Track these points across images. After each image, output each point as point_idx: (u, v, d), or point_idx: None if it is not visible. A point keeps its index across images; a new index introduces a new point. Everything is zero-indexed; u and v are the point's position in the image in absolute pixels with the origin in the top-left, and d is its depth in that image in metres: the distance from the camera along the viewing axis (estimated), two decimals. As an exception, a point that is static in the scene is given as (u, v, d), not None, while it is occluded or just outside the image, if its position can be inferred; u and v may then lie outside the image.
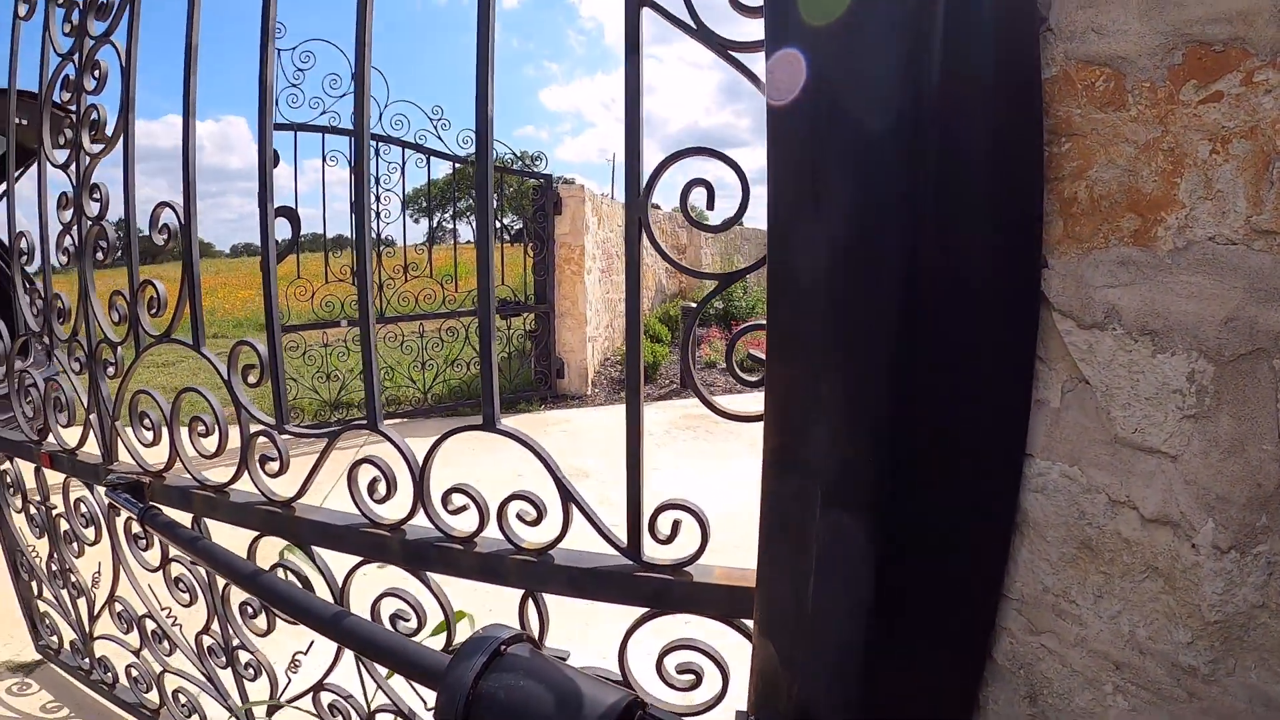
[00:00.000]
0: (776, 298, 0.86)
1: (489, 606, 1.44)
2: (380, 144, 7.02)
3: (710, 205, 1.13)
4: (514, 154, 7.94)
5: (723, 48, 1.10)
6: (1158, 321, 0.76)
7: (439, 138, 7.33)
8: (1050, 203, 0.80)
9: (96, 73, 1.93)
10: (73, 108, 2.01)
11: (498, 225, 8.22)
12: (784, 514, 0.91)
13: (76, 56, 1.97)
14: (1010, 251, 0.81)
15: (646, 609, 1.31)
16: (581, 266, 8.17)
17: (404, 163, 7.28)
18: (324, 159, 6.91)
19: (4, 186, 5.66)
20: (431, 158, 7.39)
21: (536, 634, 1.44)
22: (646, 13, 1.18)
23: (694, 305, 9.16)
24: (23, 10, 2.17)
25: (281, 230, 1.72)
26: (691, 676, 1.31)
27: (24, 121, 4.50)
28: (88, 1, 1.92)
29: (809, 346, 0.84)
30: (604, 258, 9.55)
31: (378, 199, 6.98)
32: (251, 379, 1.71)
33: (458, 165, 7.64)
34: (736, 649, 1.21)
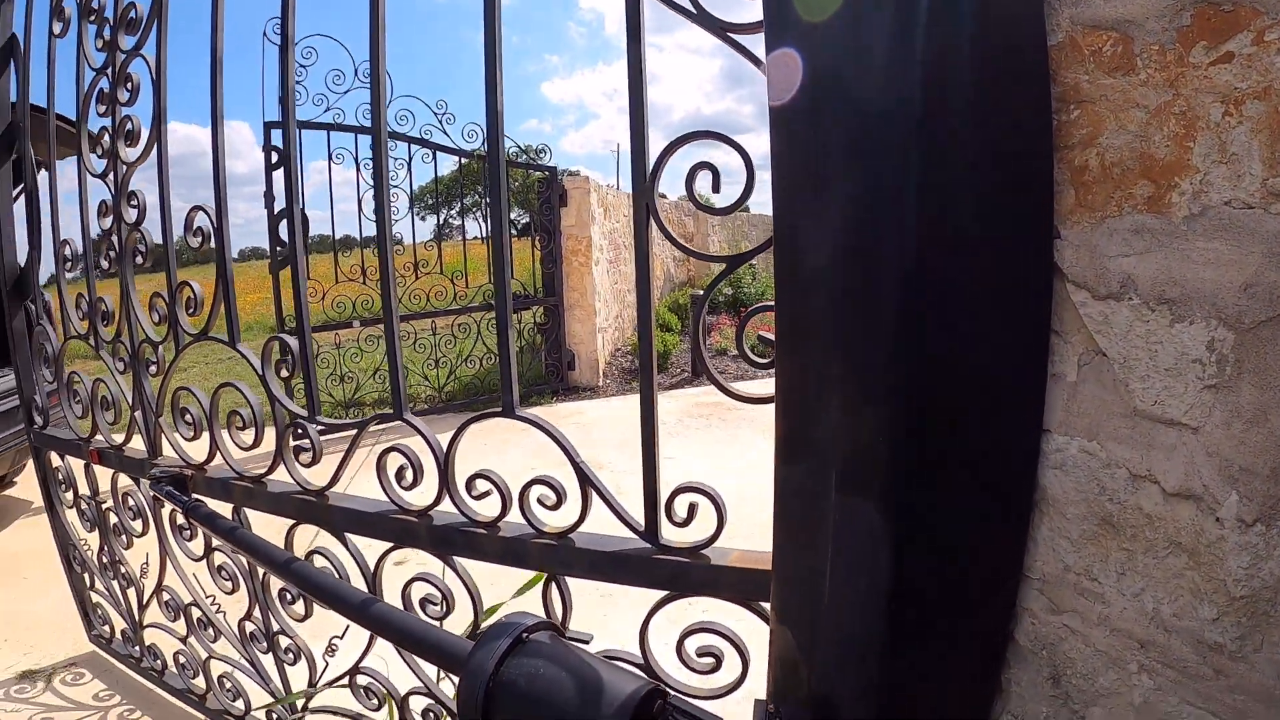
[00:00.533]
0: (784, 282, 0.85)
1: (512, 590, 1.47)
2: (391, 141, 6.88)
3: (716, 189, 1.13)
4: (519, 148, 7.95)
5: (722, 30, 1.10)
6: (1175, 290, 0.74)
7: (444, 132, 7.30)
8: (1061, 172, 0.78)
9: (129, 85, 2.05)
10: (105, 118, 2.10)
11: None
12: (798, 499, 0.90)
13: (110, 70, 2.09)
14: (1021, 223, 0.79)
15: (665, 592, 1.33)
16: (589, 258, 8.20)
17: (410, 159, 7.26)
18: (329, 157, 6.86)
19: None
20: (438, 153, 7.35)
21: (560, 618, 1.47)
22: (651, 4, 1.18)
23: (703, 293, 9.13)
24: (57, 28, 2.31)
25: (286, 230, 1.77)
26: (711, 660, 1.33)
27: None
28: (118, 17, 2.03)
29: (818, 329, 0.83)
30: (611, 249, 9.58)
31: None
32: (284, 373, 1.85)
33: (464, 160, 7.61)
34: (754, 633, 1.21)
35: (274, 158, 6.00)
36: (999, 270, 0.79)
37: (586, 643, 1.34)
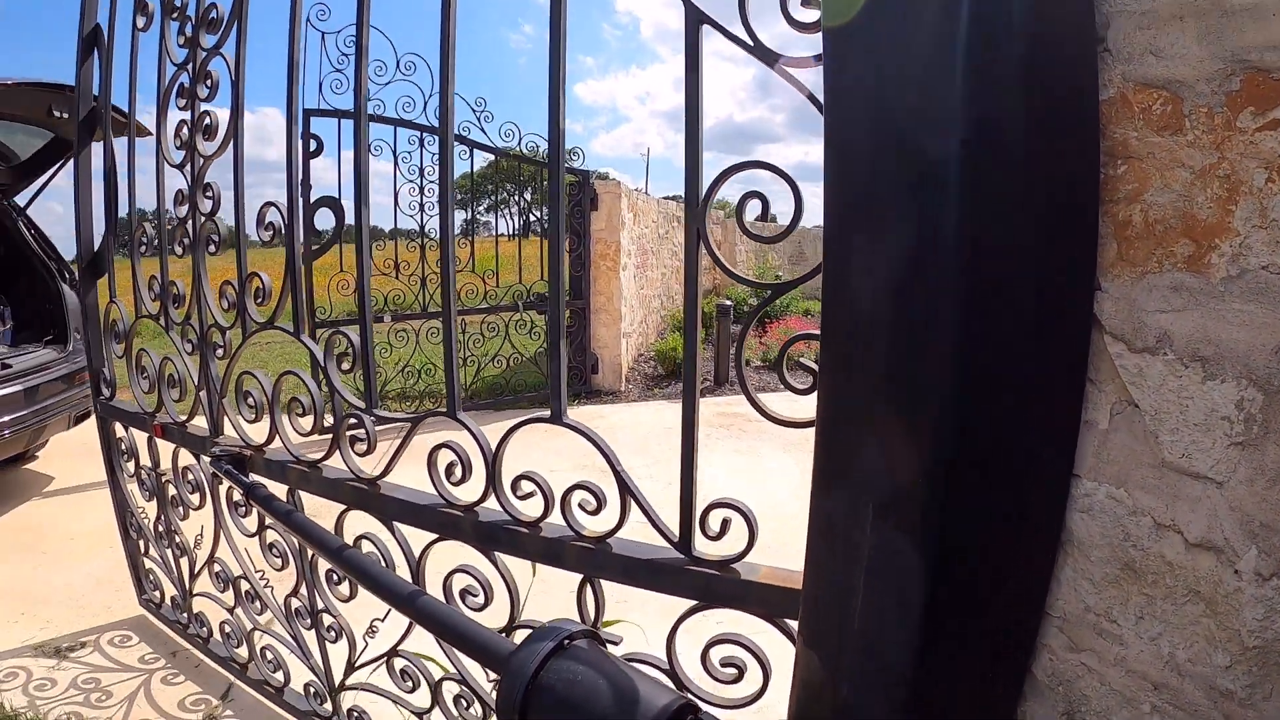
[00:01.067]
0: (832, 317, 0.88)
1: (546, 588, 1.51)
2: (426, 135, 6.79)
3: (765, 217, 1.16)
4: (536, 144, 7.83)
5: (774, 62, 1.12)
6: (1209, 348, 0.76)
7: (482, 129, 7.14)
8: (1105, 225, 0.80)
9: (209, 82, 2.17)
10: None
11: (532, 219, 8.12)
12: (833, 528, 0.93)
13: (190, 66, 2.21)
14: (1064, 273, 0.81)
15: (695, 601, 1.36)
16: (617, 262, 8.15)
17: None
18: (367, 148, 6.60)
19: (42, 178, 5.92)
20: (475, 150, 7.21)
21: (592, 618, 1.52)
22: (683, 13, 1.23)
23: (729, 303, 9.10)
24: (141, 22, 2.44)
25: (323, 220, 1.88)
26: (734, 670, 1.37)
27: (64, 115, 4.74)
28: (200, 16, 2.13)
29: (864, 366, 0.85)
30: (639, 254, 9.50)
31: (421, 190, 6.84)
32: (345, 365, 1.91)
33: (501, 159, 7.47)
34: (775, 645, 1.25)
35: (312, 145, 6.00)
36: (1041, 318, 0.81)
37: (616, 644, 1.41)
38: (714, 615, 1.38)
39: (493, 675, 1.58)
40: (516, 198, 8.01)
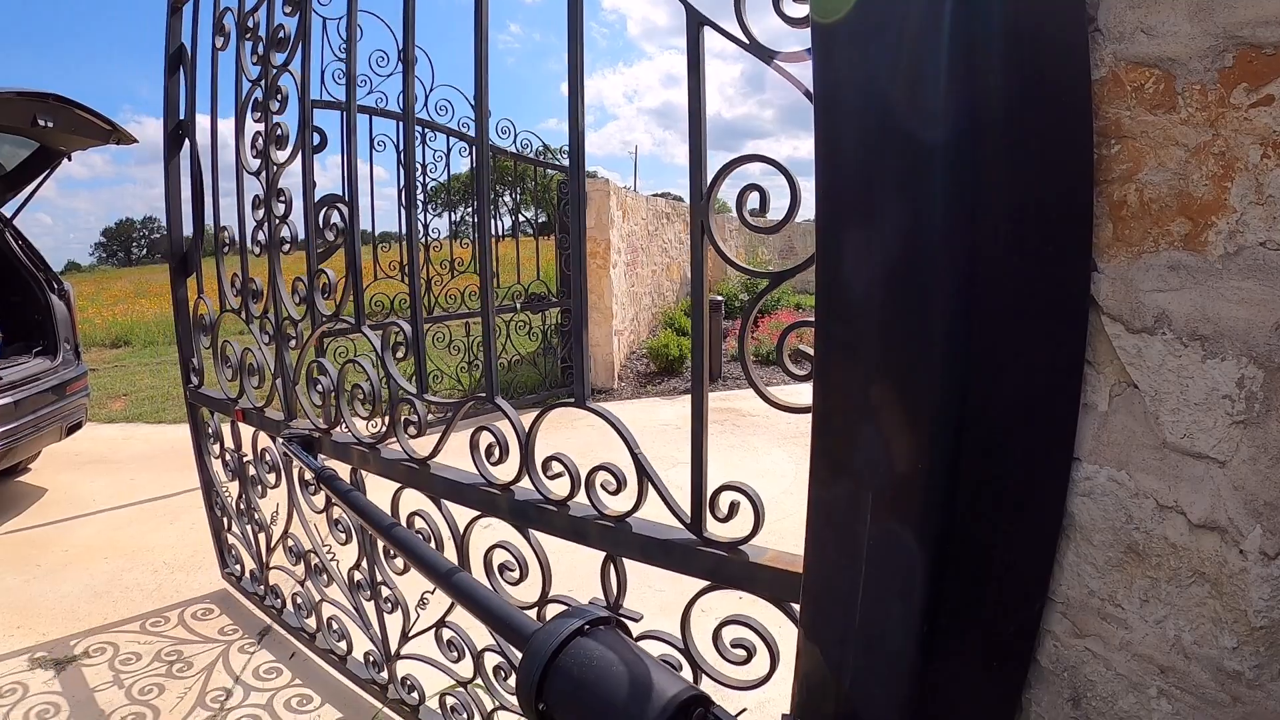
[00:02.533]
0: (826, 304, 0.87)
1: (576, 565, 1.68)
2: (426, 130, 6.43)
3: (763, 209, 1.17)
4: (545, 146, 7.66)
5: (770, 59, 1.14)
6: (1208, 327, 0.75)
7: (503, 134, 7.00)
8: (1100, 206, 0.80)
9: (279, 96, 2.35)
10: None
11: (522, 219, 7.91)
12: (832, 519, 0.92)
13: (263, 82, 2.40)
14: (1060, 255, 0.81)
15: (707, 582, 1.41)
16: (607, 260, 8.13)
17: (449, 150, 6.74)
18: (371, 143, 6.23)
19: (30, 188, 5.96)
20: (473, 147, 6.96)
21: (615, 595, 1.63)
22: (674, 7, 1.27)
23: (720, 298, 9.15)
24: (219, 42, 2.68)
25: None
26: (743, 652, 1.41)
27: (49, 124, 4.71)
28: (270, 36, 2.33)
29: (860, 354, 0.85)
30: (629, 251, 9.47)
31: (424, 189, 6.62)
32: (399, 355, 2.08)
33: (501, 158, 7.24)
34: (786, 630, 1.25)
35: (316, 139, 5.95)
36: (1037, 301, 0.81)
37: (637, 620, 1.51)
38: (712, 598, 1.43)
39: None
40: (505, 197, 7.87)
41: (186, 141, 3.10)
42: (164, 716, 2.81)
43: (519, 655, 1.30)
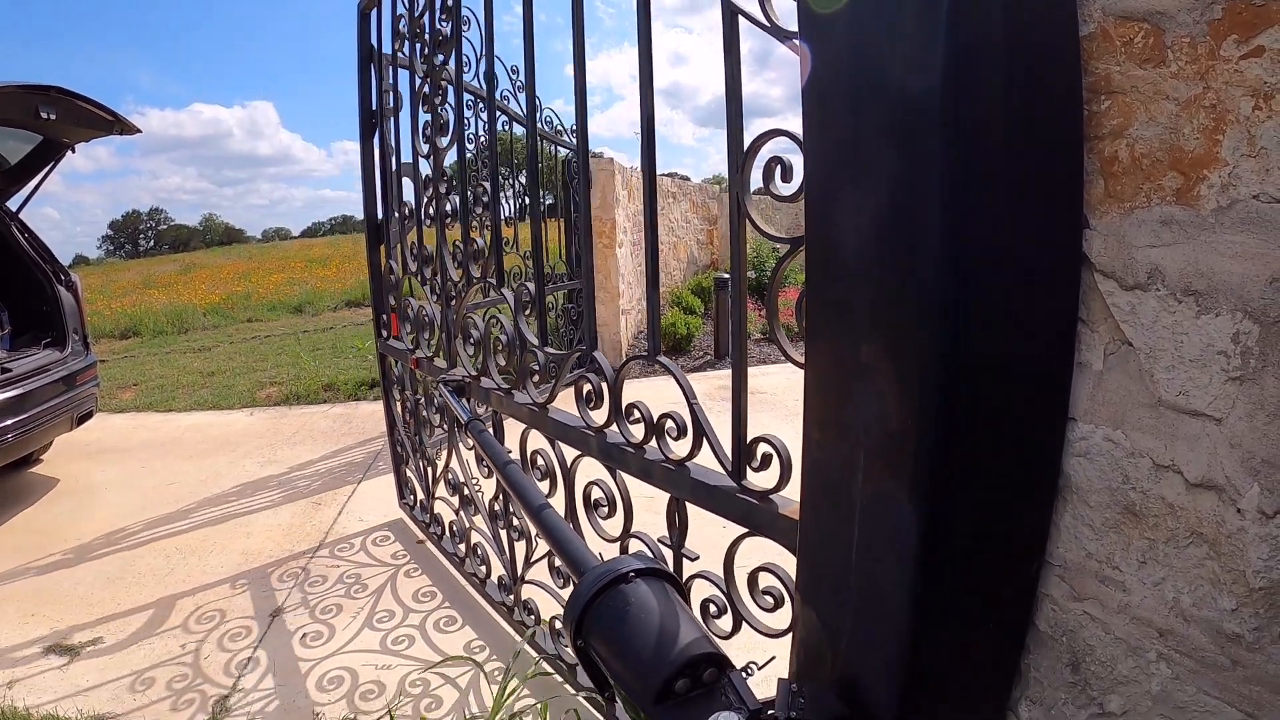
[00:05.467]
0: (816, 266, 0.88)
1: (658, 507, 1.86)
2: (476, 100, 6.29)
3: (786, 179, 1.20)
4: (561, 125, 7.50)
5: (786, 39, 1.19)
6: (1201, 282, 0.75)
7: (518, 102, 6.50)
8: (1091, 162, 0.80)
9: (440, 89, 2.79)
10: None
11: (454, 207, 8.00)
12: (826, 480, 0.93)
13: (430, 79, 2.84)
14: (1051, 212, 0.81)
15: (745, 530, 1.50)
16: (613, 240, 8.06)
17: (491, 123, 6.58)
18: (493, 128, 6.06)
19: (36, 180, 5.98)
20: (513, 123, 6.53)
21: (678, 536, 1.82)
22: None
23: (727, 276, 8.93)
24: (397, 44, 3.19)
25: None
26: (771, 600, 1.51)
27: (52, 116, 4.77)
28: (433, 39, 2.75)
29: (851, 314, 0.85)
30: (635, 231, 9.35)
31: (478, 161, 6.62)
32: (526, 312, 2.37)
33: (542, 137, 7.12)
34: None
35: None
36: (1029, 258, 0.81)
37: (694, 559, 1.78)
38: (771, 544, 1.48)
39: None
40: (512, 180, 7.72)
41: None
42: (339, 635, 3.14)
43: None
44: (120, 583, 4.02)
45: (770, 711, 0.87)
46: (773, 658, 1.05)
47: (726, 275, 9.14)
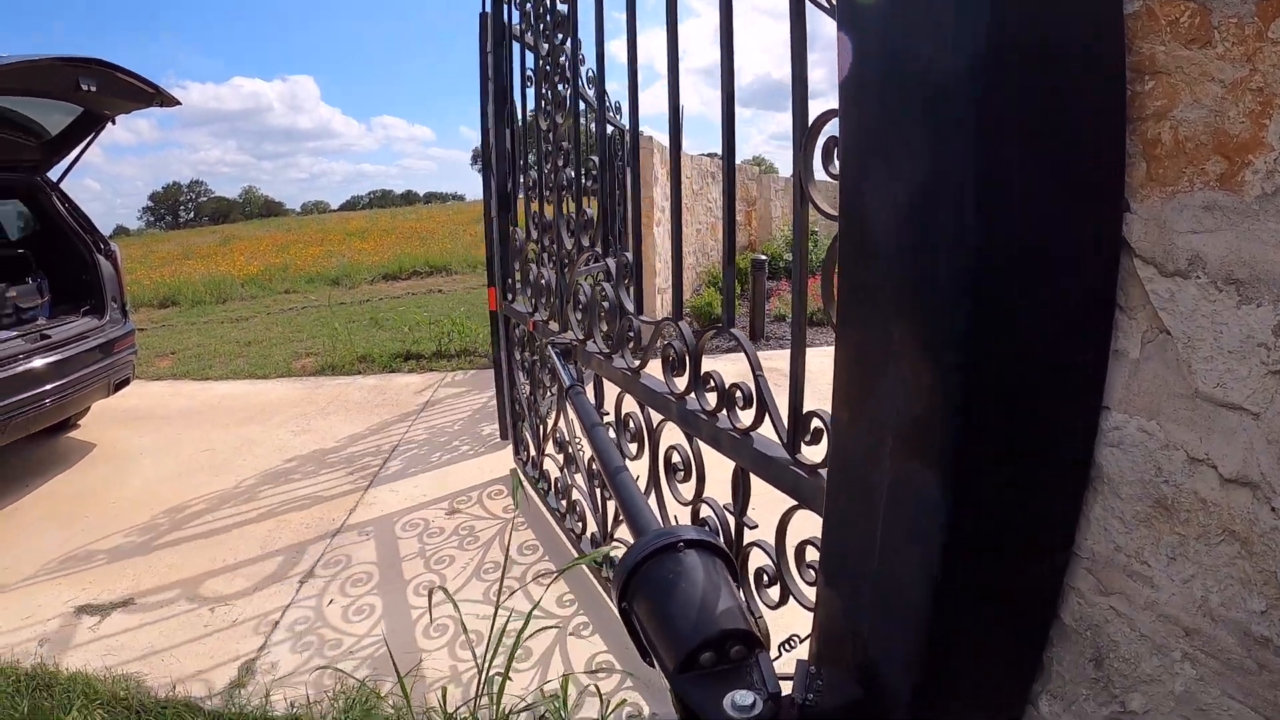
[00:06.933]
0: (848, 247, 0.89)
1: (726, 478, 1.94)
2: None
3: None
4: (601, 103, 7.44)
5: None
6: (1243, 270, 0.73)
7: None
8: (1133, 144, 0.78)
9: (558, 67, 3.04)
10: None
11: (569, 179, 8.07)
12: (852, 462, 0.93)
13: (549, 56, 3.11)
14: (1091, 194, 0.79)
15: (796, 502, 1.55)
16: (651, 218, 8.07)
17: (600, 101, 6.59)
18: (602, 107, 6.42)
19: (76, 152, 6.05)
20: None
21: (740, 505, 1.91)
22: None
23: (764, 258, 8.93)
24: (522, 25, 3.51)
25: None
26: (812, 572, 1.54)
27: (92, 88, 4.89)
28: (554, 20, 3.01)
29: (881, 296, 0.85)
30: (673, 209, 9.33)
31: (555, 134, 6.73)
32: (625, 280, 2.56)
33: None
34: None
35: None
36: (1067, 241, 0.80)
37: (753, 528, 1.88)
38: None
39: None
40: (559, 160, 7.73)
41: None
42: (449, 584, 3.38)
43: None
44: (160, 548, 4.20)
45: (787, 694, 0.87)
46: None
47: (763, 256, 9.03)
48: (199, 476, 5.24)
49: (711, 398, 1.91)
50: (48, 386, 5.02)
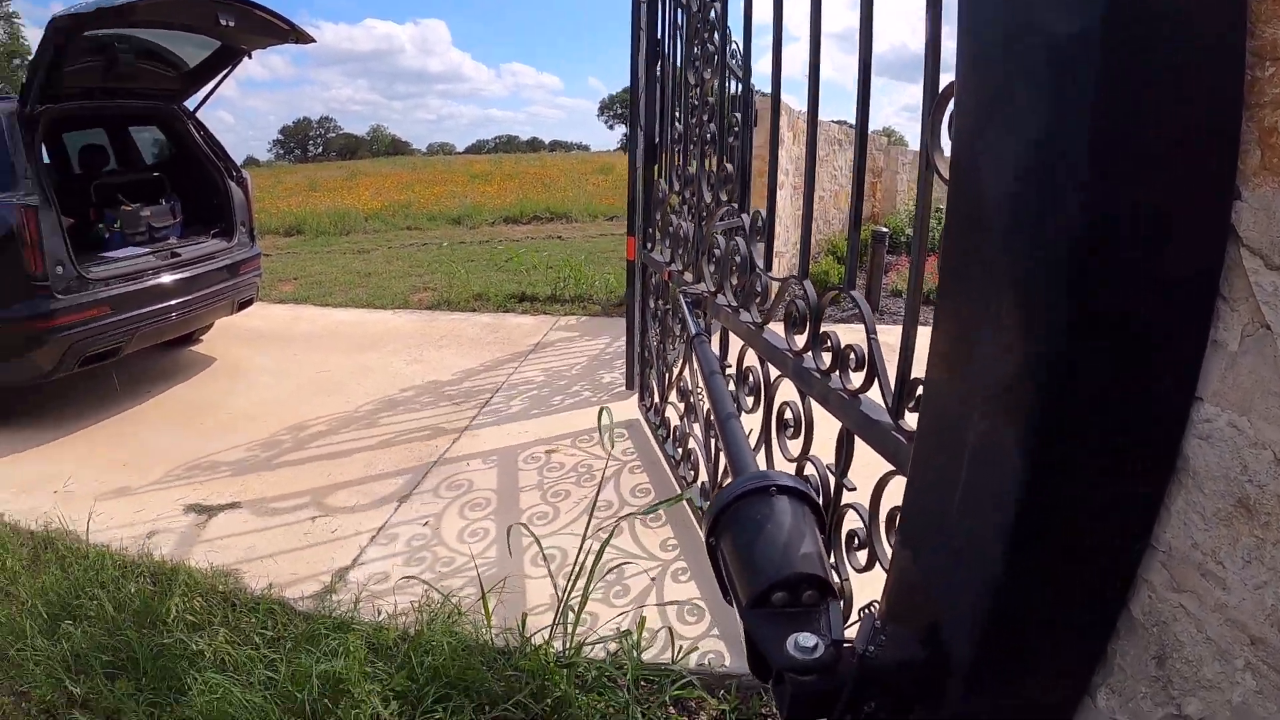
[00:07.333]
0: (956, 208, 0.90)
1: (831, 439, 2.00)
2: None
3: None
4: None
5: None
6: (1350, 268, 0.69)
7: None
8: (1248, 130, 0.76)
9: (707, 24, 3.15)
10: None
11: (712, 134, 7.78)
12: (941, 423, 0.95)
13: (699, 12, 3.22)
14: (1200, 177, 0.77)
15: (893, 468, 1.58)
16: (773, 184, 7.46)
17: (746, 60, 6.27)
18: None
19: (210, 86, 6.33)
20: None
21: (842, 465, 1.97)
22: None
23: (885, 230, 8.29)
24: None
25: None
26: None
27: (230, 23, 5.12)
28: None
29: (984, 258, 0.86)
30: (796, 174, 8.75)
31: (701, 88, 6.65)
32: (758, 237, 2.63)
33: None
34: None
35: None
36: (1174, 222, 0.78)
37: (852, 490, 1.94)
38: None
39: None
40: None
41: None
42: (560, 518, 3.60)
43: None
44: (256, 457, 4.54)
45: (848, 644, 0.92)
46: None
47: (885, 229, 8.40)
48: (315, 397, 5.54)
49: (826, 357, 1.95)
50: (174, 301, 5.41)
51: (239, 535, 3.70)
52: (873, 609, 1.05)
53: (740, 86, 2.96)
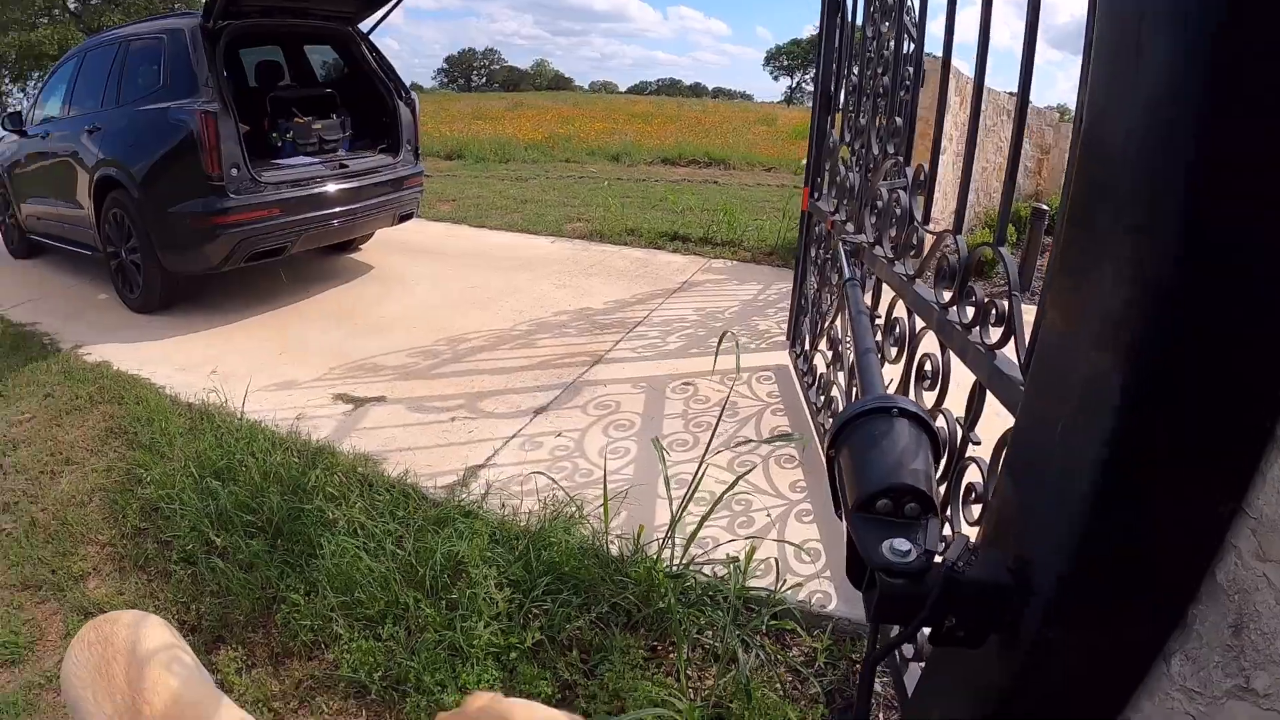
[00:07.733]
0: (1082, 154, 0.87)
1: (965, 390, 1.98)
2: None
3: None
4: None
5: None
6: None
7: None
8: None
9: None
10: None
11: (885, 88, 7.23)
12: (1050, 358, 0.95)
13: None
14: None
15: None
16: (937, 146, 6.76)
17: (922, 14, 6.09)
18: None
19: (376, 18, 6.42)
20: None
21: (972, 417, 1.97)
22: None
23: (1045, 208, 7.41)
24: None
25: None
26: None
27: None
28: None
29: (1104, 202, 0.83)
30: (960, 140, 8.02)
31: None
32: (919, 192, 2.63)
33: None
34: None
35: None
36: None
37: (977, 444, 1.95)
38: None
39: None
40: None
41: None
42: (698, 446, 3.61)
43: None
44: (398, 356, 4.73)
45: (938, 558, 0.93)
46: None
47: (1045, 207, 7.61)
48: (464, 309, 5.81)
49: (969, 311, 1.97)
50: (338, 209, 5.75)
51: (382, 428, 3.94)
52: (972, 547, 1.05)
53: (912, 45, 2.88)
